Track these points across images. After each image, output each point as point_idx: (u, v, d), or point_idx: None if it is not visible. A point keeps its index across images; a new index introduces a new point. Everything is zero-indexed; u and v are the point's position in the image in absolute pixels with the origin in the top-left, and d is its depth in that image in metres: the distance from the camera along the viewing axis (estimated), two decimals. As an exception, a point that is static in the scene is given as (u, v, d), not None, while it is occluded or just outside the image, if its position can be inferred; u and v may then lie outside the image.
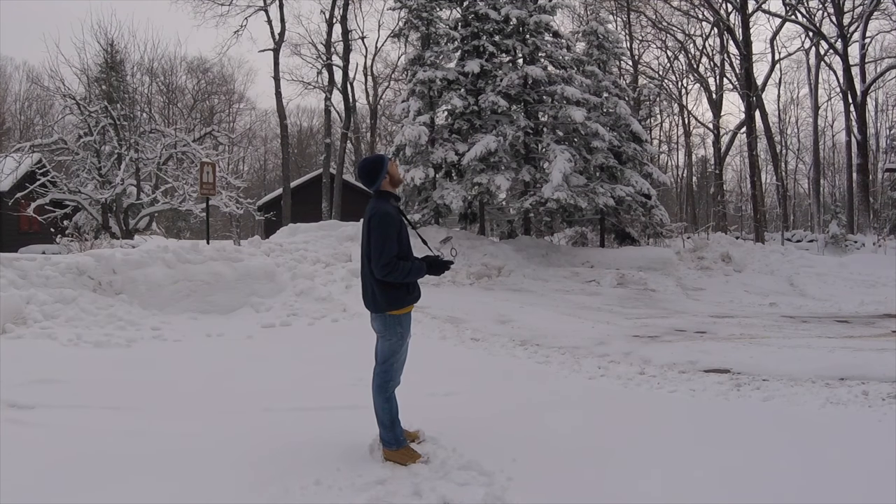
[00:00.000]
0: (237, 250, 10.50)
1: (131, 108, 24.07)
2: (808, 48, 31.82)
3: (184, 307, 8.80)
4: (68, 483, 3.33)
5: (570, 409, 4.74)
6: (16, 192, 20.53)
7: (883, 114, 39.70)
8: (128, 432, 4.11)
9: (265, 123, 50.46)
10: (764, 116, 28.22)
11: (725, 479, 3.41)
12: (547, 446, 3.87)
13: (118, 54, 26.80)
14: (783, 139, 40.97)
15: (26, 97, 42.36)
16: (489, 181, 14.88)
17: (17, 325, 7.35)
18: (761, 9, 26.78)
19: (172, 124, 31.51)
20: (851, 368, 5.80)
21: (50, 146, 20.55)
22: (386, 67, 39.81)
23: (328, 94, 28.29)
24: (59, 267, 8.60)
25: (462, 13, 16.95)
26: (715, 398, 5.10)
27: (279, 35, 26.91)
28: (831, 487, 3.25)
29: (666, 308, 11.11)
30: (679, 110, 37.72)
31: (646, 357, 6.65)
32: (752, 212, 25.37)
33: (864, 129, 25.42)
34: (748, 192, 30.91)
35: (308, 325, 8.40)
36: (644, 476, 3.46)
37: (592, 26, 18.06)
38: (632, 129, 17.52)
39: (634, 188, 16.76)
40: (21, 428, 4.16)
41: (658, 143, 39.09)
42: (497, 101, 15.35)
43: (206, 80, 43.96)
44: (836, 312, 10.63)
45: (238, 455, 3.72)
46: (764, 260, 16.01)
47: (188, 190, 20.39)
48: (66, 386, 5.24)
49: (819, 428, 4.26)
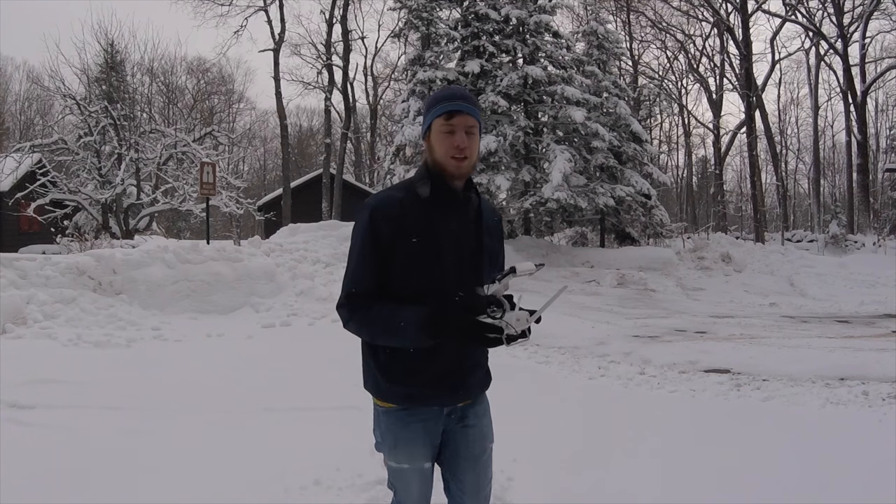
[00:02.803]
0: (237, 250, 10.50)
1: (131, 108, 24.08)
2: (808, 48, 31.85)
3: (184, 307, 8.80)
4: (68, 483, 3.32)
5: (570, 409, 4.74)
6: (16, 192, 20.51)
7: (883, 114, 39.73)
8: (128, 432, 4.10)
9: (265, 123, 50.50)
10: (764, 116, 28.22)
11: (725, 479, 3.41)
12: (547, 446, 3.87)
13: (118, 54, 26.78)
14: (783, 139, 40.99)
15: (26, 97, 42.42)
16: (489, 181, 14.88)
17: (17, 325, 7.35)
18: (761, 9, 26.82)
19: (172, 124, 31.48)
20: (851, 368, 5.80)
21: (50, 146, 20.55)
22: (386, 67, 39.85)
23: (328, 94, 28.29)
24: (59, 267, 8.59)
25: (462, 13, 16.95)
26: (715, 398, 5.10)
27: (279, 35, 26.93)
28: (831, 487, 3.25)
29: (666, 308, 11.11)
30: (679, 110, 37.76)
31: (646, 357, 6.65)
32: (752, 212, 25.37)
33: (864, 129, 25.42)
34: (748, 192, 30.92)
35: (308, 325, 8.40)
36: (644, 476, 3.46)
37: (592, 26, 18.06)
38: (632, 129, 17.52)
39: (634, 188, 16.76)
40: (21, 428, 4.15)
41: (658, 143, 39.08)
42: (497, 102, 15.35)
43: (205, 80, 43.98)
44: (836, 312, 10.63)
45: (238, 455, 3.71)
46: (764, 260, 16.01)
47: (188, 190, 20.38)
48: (66, 386, 5.23)
49: (819, 428, 4.25)
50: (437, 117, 1.78)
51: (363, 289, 1.78)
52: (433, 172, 1.81)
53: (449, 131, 1.77)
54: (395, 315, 1.72)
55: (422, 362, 1.79)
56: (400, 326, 1.71)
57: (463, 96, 1.81)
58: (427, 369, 1.80)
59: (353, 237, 1.83)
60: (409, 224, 1.76)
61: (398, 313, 1.72)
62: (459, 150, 1.76)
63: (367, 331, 1.78)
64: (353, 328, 1.80)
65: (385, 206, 1.79)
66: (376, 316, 1.75)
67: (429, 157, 1.83)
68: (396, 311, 1.73)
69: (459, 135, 1.77)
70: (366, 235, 1.78)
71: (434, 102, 1.81)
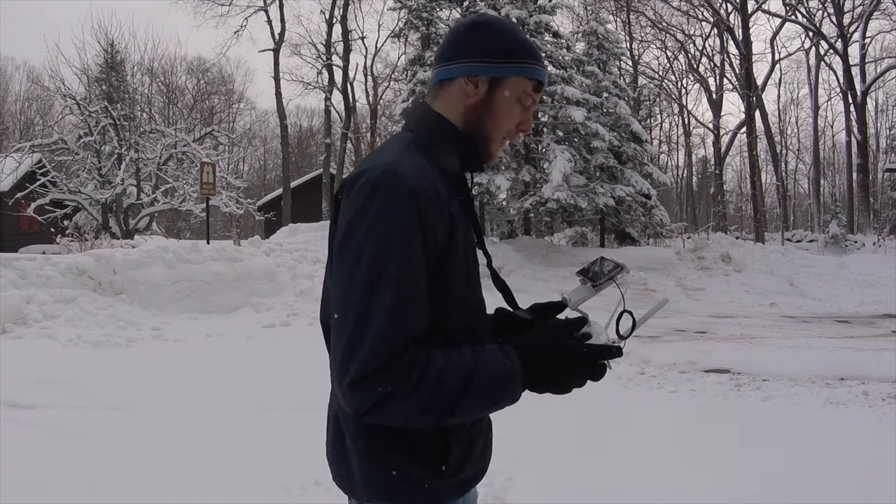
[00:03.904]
0: (237, 250, 10.50)
1: (131, 108, 24.11)
2: (808, 48, 31.81)
3: (184, 307, 8.80)
4: (68, 483, 3.32)
5: (570, 410, 4.74)
6: (16, 192, 20.52)
7: (883, 114, 39.71)
8: (128, 432, 4.11)
9: (265, 123, 50.50)
10: (764, 116, 28.22)
11: (725, 479, 3.41)
12: (547, 446, 3.87)
13: (118, 54, 26.83)
14: (783, 139, 40.98)
15: (26, 97, 42.39)
16: (489, 181, 14.89)
17: (17, 325, 7.35)
18: (761, 9, 26.81)
19: (172, 124, 31.50)
20: (851, 368, 5.81)
21: (50, 146, 20.55)
22: (386, 67, 39.77)
23: (328, 94, 28.29)
24: (59, 267, 8.60)
25: (462, 13, 16.95)
26: (715, 398, 5.10)
27: (279, 35, 26.91)
28: (831, 487, 3.25)
29: (666, 308, 11.11)
30: (679, 110, 37.76)
31: (646, 357, 6.65)
32: (752, 212, 25.39)
33: (864, 129, 25.42)
34: (748, 192, 30.92)
35: (308, 324, 8.40)
36: (644, 476, 3.46)
37: (592, 26, 18.06)
38: (632, 129, 17.52)
39: (634, 188, 16.76)
40: (21, 428, 4.16)
41: (658, 143, 39.07)
42: (497, 101, 15.35)
43: (205, 80, 43.98)
44: (836, 312, 10.63)
45: (238, 455, 3.71)
46: (764, 260, 16.02)
47: (188, 190, 20.38)
48: (66, 386, 5.23)
49: (819, 428, 4.26)
50: (523, 77, 1.16)
51: (413, 333, 0.99)
52: (471, 139, 1.16)
53: (529, 105, 1.18)
54: (480, 361, 1.02)
55: (478, 425, 1.19)
56: (496, 379, 1.02)
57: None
58: (482, 432, 1.21)
59: (370, 240, 1.00)
60: (454, 217, 1.08)
61: (482, 358, 1.03)
62: (525, 131, 1.22)
63: (437, 403, 0.99)
64: (401, 409, 0.98)
65: (427, 186, 1.04)
66: (451, 374, 0.99)
67: (472, 116, 1.16)
68: (477, 354, 1.03)
69: (531, 113, 1.21)
70: (410, 238, 1.01)
71: (525, 53, 1.16)
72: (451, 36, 1.19)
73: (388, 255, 0.99)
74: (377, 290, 0.98)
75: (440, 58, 1.18)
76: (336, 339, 1.00)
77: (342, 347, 0.98)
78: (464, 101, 1.15)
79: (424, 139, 1.14)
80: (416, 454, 1.08)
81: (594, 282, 1.22)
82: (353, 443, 1.10)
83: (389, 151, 1.10)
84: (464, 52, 1.15)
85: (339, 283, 1.02)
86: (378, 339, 0.96)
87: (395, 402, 0.96)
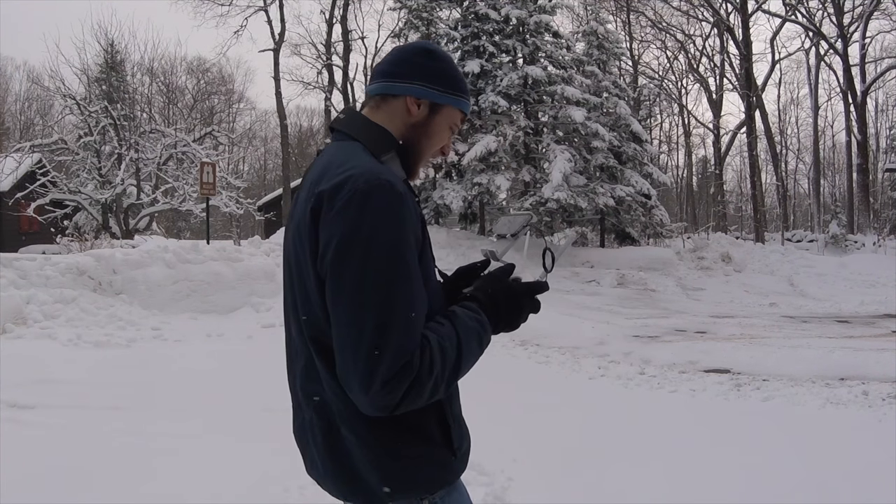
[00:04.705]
0: (237, 250, 10.50)
1: (131, 108, 24.11)
2: (808, 48, 31.85)
3: (184, 307, 8.80)
4: (68, 483, 3.32)
5: (570, 409, 4.74)
6: (16, 192, 20.53)
7: (883, 114, 39.75)
8: (128, 432, 4.10)
9: (265, 123, 50.51)
10: (764, 116, 28.23)
11: (725, 479, 3.40)
12: (547, 446, 3.87)
13: (118, 54, 26.81)
14: (783, 139, 41.00)
15: (26, 97, 42.44)
16: (489, 181, 14.90)
17: (17, 325, 7.35)
18: (761, 9, 26.82)
19: (172, 124, 31.52)
20: (851, 368, 5.80)
21: (50, 146, 20.57)
22: (386, 67, 39.76)
23: (328, 94, 28.32)
24: (59, 267, 8.59)
25: (462, 13, 16.96)
26: (715, 398, 5.10)
27: (279, 35, 26.93)
28: (831, 487, 3.25)
29: (666, 308, 11.11)
30: (679, 110, 37.78)
31: (646, 357, 6.65)
32: (752, 212, 25.39)
33: (864, 130, 25.43)
34: (748, 192, 30.92)
35: (308, 325, 8.40)
36: (644, 476, 3.46)
37: (592, 26, 18.06)
38: (632, 129, 17.53)
39: (634, 188, 16.77)
40: (21, 428, 4.16)
41: (658, 143, 39.08)
42: (497, 101, 15.36)
43: (205, 80, 43.99)
44: (836, 312, 10.64)
45: (237, 455, 3.71)
46: (764, 260, 16.02)
47: (188, 190, 20.39)
48: (66, 386, 5.23)
49: (819, 428, 4.25)
50: (458, 109, 1.31)
51: (422, 328, 1.09)
52: (408, 151, 1.27)
53: (455, 131, 1.34)
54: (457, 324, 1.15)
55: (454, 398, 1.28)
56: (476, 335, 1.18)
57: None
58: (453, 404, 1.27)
59: (376, 247, 1.05)
60: (421, 215, 1.18)
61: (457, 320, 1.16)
62: (445, 155, 1.37)
63: (445, 373, 1.10)
64: (422, 392, 1.07)
65: (407, 189, 1.15)
66: (446, 344, 1.10)
67: (411, 133, 1.26)
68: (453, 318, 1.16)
69: (451, 140, 1.36)
70: (410, 237, 1.10)
71: (463, 88, 1.31)
72: (403, 56, 1.29)
73: (396, 259, 1.06)
74: (389, 295, 1.05)
75: (387, 74, 1.27)
76: (354, 344, 1.04)
77: (364, 352, 1.03)
78: (406, 119, 1.26)
79: (372, 148, 1.21)
80: (429, 440, 1.17)
81: (513, 234, 1.45)
82: (363, 452, 1.15)
83: (355, 158, 1.15)
84: (418, 75, 1.26)
85: (347, 294, 1.06)
86: (399, 338, 1.03)
87: (418, 389, 1.05)
